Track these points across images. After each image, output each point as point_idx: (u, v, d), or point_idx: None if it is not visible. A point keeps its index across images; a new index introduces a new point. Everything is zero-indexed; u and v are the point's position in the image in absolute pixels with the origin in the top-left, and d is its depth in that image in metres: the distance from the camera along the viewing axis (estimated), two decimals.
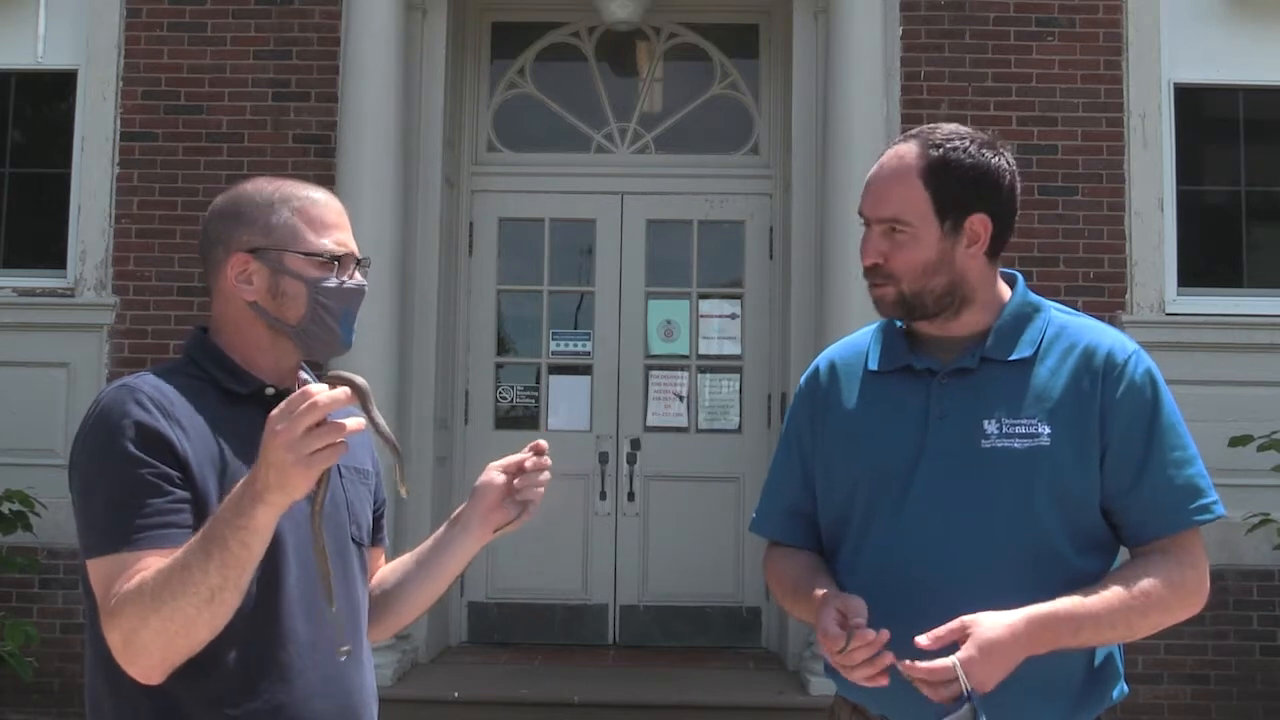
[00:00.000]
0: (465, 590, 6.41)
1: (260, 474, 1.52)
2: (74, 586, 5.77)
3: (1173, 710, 5.68)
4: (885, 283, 1.98)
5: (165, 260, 5.97)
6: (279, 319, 1.81)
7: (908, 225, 1.95)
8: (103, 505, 1.65)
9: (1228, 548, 5.45)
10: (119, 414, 1.68)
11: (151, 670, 1.61)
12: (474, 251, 6.59)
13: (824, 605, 1.87)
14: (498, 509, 1.94)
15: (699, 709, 5.36)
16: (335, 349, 1.85)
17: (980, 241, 1.98)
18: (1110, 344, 1.98)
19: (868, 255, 2.00)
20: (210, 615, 1.57)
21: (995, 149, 2.00)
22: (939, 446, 1.95)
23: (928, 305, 1.98)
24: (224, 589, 1.55)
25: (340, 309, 1.82)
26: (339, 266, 1.82)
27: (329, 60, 6.01)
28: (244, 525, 1.53)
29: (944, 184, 1.95)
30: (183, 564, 1.56)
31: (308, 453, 1.49)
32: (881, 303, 2.02)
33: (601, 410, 6.54)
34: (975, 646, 1.76)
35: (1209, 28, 6.08)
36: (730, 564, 6.40)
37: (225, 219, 1.83)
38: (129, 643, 1.59)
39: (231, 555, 1.54)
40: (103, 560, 1.64)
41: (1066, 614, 1.83)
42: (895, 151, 2.01)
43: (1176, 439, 1.95)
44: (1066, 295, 5.53)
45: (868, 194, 2.02)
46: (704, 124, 6.69)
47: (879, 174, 2.02)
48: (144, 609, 1.56)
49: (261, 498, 1.52)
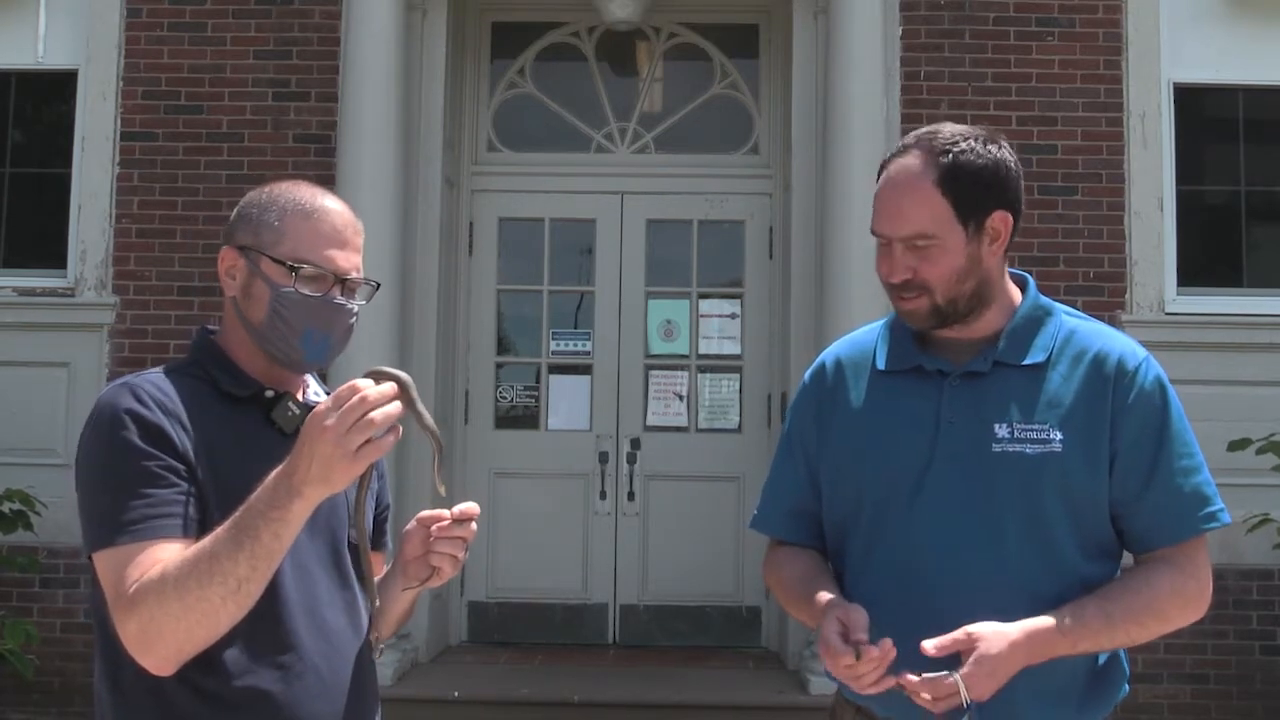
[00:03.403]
0: (465, 590, 6.41)
1: (301, 466, 1.52)
2: (75, 586, 5.78)
3: (1172, 710, 5.68)
4: (918, 295, 1.95)
5: (165, 260, 5.97)
6: (247, 318, 1.81)
7: (933, 237, 1.92)
8: (108, 497, 1.66)
9: (1228, 548, 5.45)
10: (120, 410, 1.69)
11: (166, 660, 1.61)
12: (474, 251, 6.60)
13: (826, 614, 1.87)
14: (417, 560, 1.84)
15: (699, 709, 5.36)
16: (298, 362, 1.81)
17: (1002, 238, 1.96)
18: (1121, 350, 1.98)
19: (896, 273, 1.95)
20: (234, 606, 1.58)
21: (997, 142, 1.99)
22: (950, 449, 1.94)
23: (959, 311, 1.96)
24: (251, 580, 1.56)
25: (303, 325, 1.78)
26: (310, 280, 1.78)
27: (329, 60, 6.01)
28: (278, 517, 1.54)
29: (961, 188, 1.92)
30: (210, 553, 1.56)
31: (354, 447, 1.50)
32: (915, 315, 1.97)
33: (601, 410, 6.54)
34: (977, 663, 1.77)
35: (1209, 27, 6.08)
36: (730, 563, 6.40)
37: (237, 213, 1.86)
38: (146, 631, 1.59)
39: (263, 546, 1.54)
40: (110, 552, 1.64)
41: (1066, 626, 1.83)
42: (901, 165, 1.96)
43: (1184, 447, 1.95)
44: (1066, 295, 5.53)
45: (882, 213, 1.96)
46: (704, 124, 6.69)
47: (891, 191, 1.96)
48: (166, 597, 1.56)
49: (299, 491, 1.53)
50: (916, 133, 2.00)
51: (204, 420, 1.74)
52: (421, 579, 1.84)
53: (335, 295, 1.81)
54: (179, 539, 1.63)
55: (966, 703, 1.76)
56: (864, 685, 1.81)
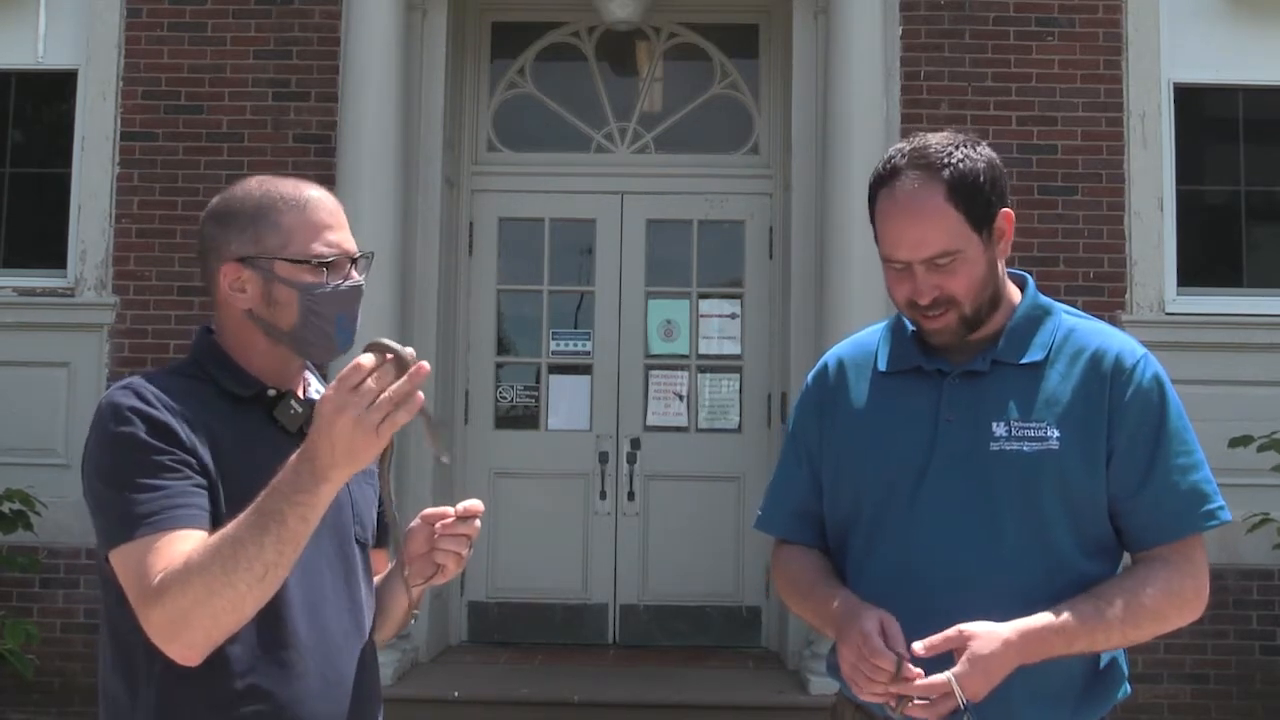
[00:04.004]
0: (465, 590, 6.41)
1: (322, 450, 1.52)
2: (75, 586, 5.77)
3: (1172, 709, 5.68)
4: (945, 310, 1.94)
5: (165, 260, 5.97)
6: (274, 326, 1.80)
7: (956, 252, 1.92)
8: (121, 494, 1.65)
9: (1228, 548, 5.45)
10: (125, 408, 1.69)
11: (193, 648, 1.60)
12: (474, 251, 6.60)
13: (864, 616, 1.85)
14: (422, 558, 1.85)
15: (699, 708, 5.36)
16: (333, 352, 1.84)
17: (1008, 234, 1.99)
18: (1119, 348, 1.98)
19: (924, 294, 1.93)
20: (261, 592, 1.58)
21: (979, 143, 1.99)
22: (948, 448, 1.95)
23: (983, 318, 1.98)
24: (278, 565, 1.56)
25: (334, 313, 1.80)
26: (332, 269, 1.79)
27: (329, 60, 6.01)
28: (304, 501, 1.54)
29: (968, 197, 1.92)
30: (235, 540, 1.56)
31: (375, 425, 1.50)
32: (944, 332, 1.96)
33: (601, 410, 6.54)
34: (969, 662, 1.77)
35: (1209, 27, 6.08)
36: (730, 563, 6.40)
37: (217, 225, 1.82)
38: (173, 621, 1.58)
39: (289, 530, 1.55)
40: (130, 546, 1.63)
41: (1060, 625, 1.83)
42: (905, 189, 1.93)
43: (1183, 444, 1.94)
44: (1066, 295, 5.52)
45: (899, 240, 1.93)
46: (704, 124, 6.69)
47: (904, 217, 1.93)
48: (192, 585, 1.56)
49: (326, 475, 1.53)
50: (902, 150, 1.97)
51: (207, 420, 1.74)
52: (426, 576, 1.84)
53: (353, 275, 1.83)
54: (197, 528, 1.63)
55: (963, 703, 1.76)
56: (870, 694, 1.82)
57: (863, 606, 1.88)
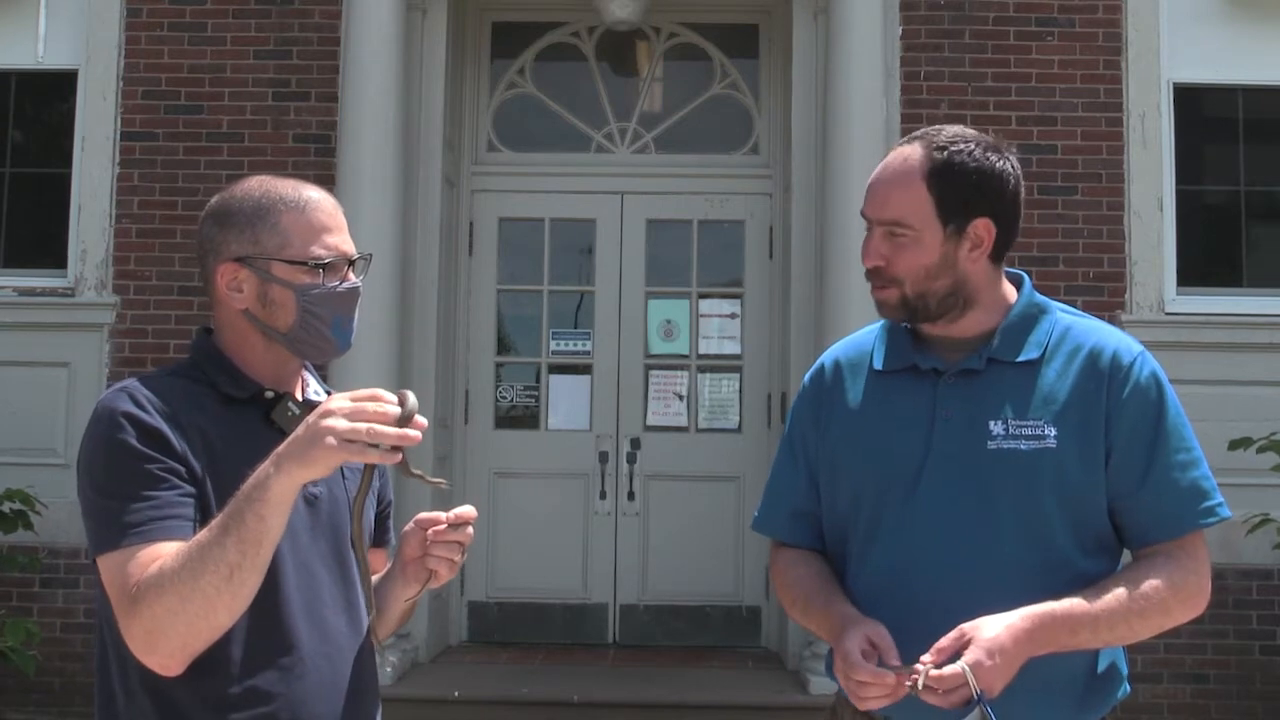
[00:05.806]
0: (465, 590, 6.41)
1: (289, 441, 1.54)
2: (75, 585, 5.78)
3: (1172, 709, 5.68)
4: (888, 285, 1.97)
5: (165, 260, 5.97)
6: (270, 326, 1.80)
7: (910, 228, 1.94)
8: (111, 501, 1.66)
9: (1228, 547, 5.45)
10: (118, 413, 1.69)
11: (171, 659, 1.61)
12: (474, 251, 6.60)
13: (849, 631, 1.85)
14: (415, 562, 1.83)
15: (699, 708, 5.36)
16: (330, 353, 1.84)
17: (984, 246, 1.96)
18: (1116, 346, 1.98)
19: (869, 257, 1.98)
20: (230, 596, 1.58)
21: (1000, 152, 1.98)
22: (945, 448, 1.94)
23: (930, 308, 1.97)
24: (242, 566, 1.56)
25: (332, 315, 1.80)
26: (329, 271, 1.80)
27: (329, 60, 6.01)
28: (259, 497, 1.55)
29: (947, 187, 1.93)
30: (200, 543, 1.58)
31: (341, 430, 1.51)
32: (885, 305, 2.00)
33: (601, 410, 6.55)
34: (981, 650, 1.76)
35: (1209, 27, 6.08)
36: (730, 563, 6.40)
37: (216, 225, 1.82)
38: (149, 631, 1.59)
39: (248, 529, 1.55)
40: (114, 555, 1.64)
41: (1065, 614, 1.83)
42: (900, 153, 1.99)
43: (1181, 441, 1.94)
44: (1066, 295, 5.53)
45: (871, 195, 2.00)
46: (704, 124, 6.69)
47: (882, 175, 1.99)
48: (164, 592, 1.57)
49: (280, 465, 1.54)
50: (927, 128, 2.03)
51: (203, 422, 1.74)
52: (420, 580, 1.84)
53: (350, 277, 1.83)
54: (183, 539, 1.63)
55: (977, 693, 1.74)
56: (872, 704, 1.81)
57: (850, 622, 1.87)
